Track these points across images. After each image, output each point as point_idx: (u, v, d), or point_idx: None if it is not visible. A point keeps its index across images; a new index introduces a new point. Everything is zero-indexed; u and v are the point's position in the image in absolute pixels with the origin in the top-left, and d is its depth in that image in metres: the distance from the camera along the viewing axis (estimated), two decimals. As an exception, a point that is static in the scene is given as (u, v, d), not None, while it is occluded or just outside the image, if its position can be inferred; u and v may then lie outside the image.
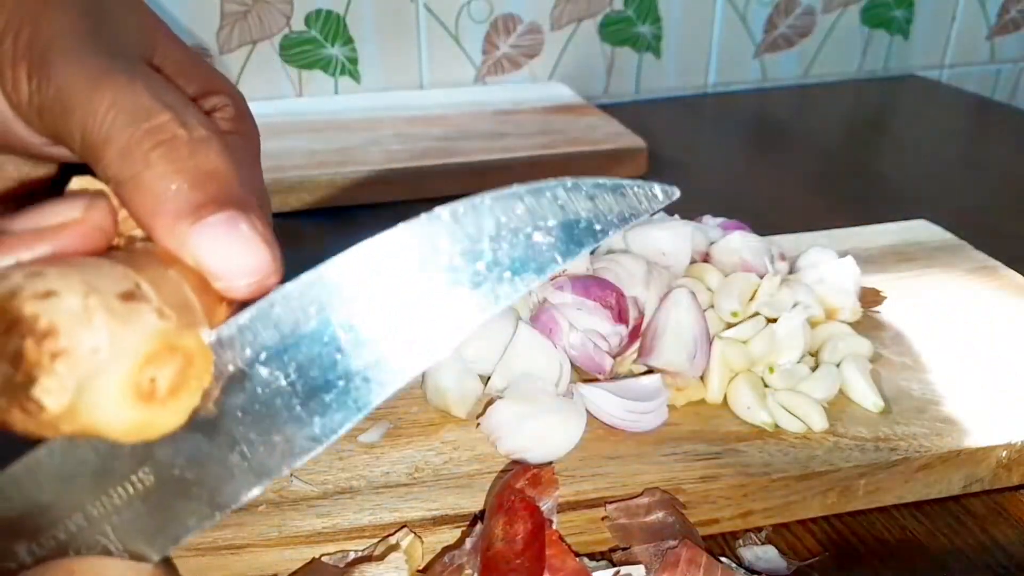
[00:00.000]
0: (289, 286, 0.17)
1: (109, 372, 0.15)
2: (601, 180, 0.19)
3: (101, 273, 0.15)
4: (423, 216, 0.17)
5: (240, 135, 0.22)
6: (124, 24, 0.20)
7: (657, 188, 0.20)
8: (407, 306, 0.17)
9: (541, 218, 0.18)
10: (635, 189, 0.19)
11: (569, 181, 0.18)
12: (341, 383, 0.17)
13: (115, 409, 0.15)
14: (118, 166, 0.17)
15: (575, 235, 0.18)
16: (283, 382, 0.17)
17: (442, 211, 0.18)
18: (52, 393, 0.14)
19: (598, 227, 0.19)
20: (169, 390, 0.16)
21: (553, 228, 0.18)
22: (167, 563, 0.19)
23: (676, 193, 0.20)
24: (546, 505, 0.27)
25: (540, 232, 0.18)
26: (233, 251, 0.17)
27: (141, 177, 0.17)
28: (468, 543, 0.27)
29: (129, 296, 0.15)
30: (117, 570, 0.17)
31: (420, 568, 0.28)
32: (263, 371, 0.17)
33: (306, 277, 0.17)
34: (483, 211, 0.18)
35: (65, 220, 0.17)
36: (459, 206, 0.18)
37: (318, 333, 0.17)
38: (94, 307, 0.14)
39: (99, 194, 0.17)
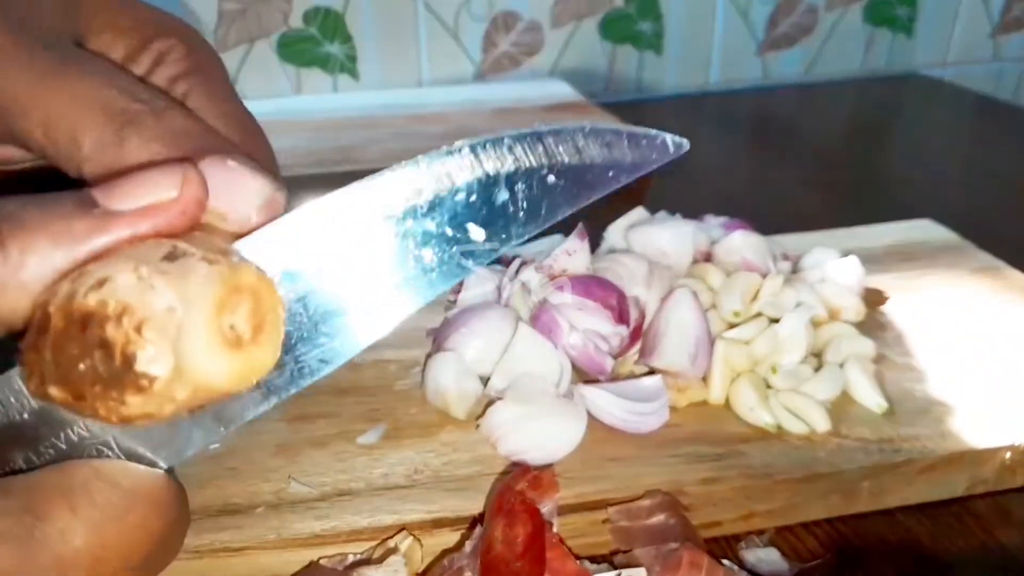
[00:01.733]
0: (305, 208, 0.18)
1: (193, 325, 0.15)
2: (619, 127, 0.19)
3: (136, 250, 0.15)
4: (443, 149, 0.18)
5: (198, 71, 0.22)
6: (43, 6, 0.20)
7: (668, 139, 0.20)
8: (421, 237, 0.18)
9: (558, 159, 0.18)
10: (648, 139, 0.20)
11: (588, 126, 0.19)
12: (354, 306, 0.18)
13: (213, 361, 0.15)
14: (98, 156, 0.17)
15: (588, 180, 0.19)
16: (296, 302, 0.17)
17: (463, 145, 0.18)
18: (155, 360, 0.14)
19: (611, 174, 0.19)
20: (253, 330, 0.16)
21: (568, 171, 0.18)
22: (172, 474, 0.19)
23: (685, 145, 0.20)
24: (546, 508, 0.27)
25: (554, 174, 0.18)
26: (230, 187, 0.17)
27: (121, 159, 0.17)
28: (468, 546, 0.27)
29: (172, 256, 0.15)
30: (139, 473, 0.17)
31: (419, 571, 0.27)
32: (280, 291, 0.17)
33: (319, 202, 0.18)
34: (503, 147, 0.18)
35: (162, 200, 0.16)
36: (479, 141, 0.18)
37: (332, 257, 0.17)
38: (147, 274, 0.15)
39: (187, 163, 0.17)
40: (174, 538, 0.19)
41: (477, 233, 0.18)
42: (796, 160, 0.67)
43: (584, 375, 0.34)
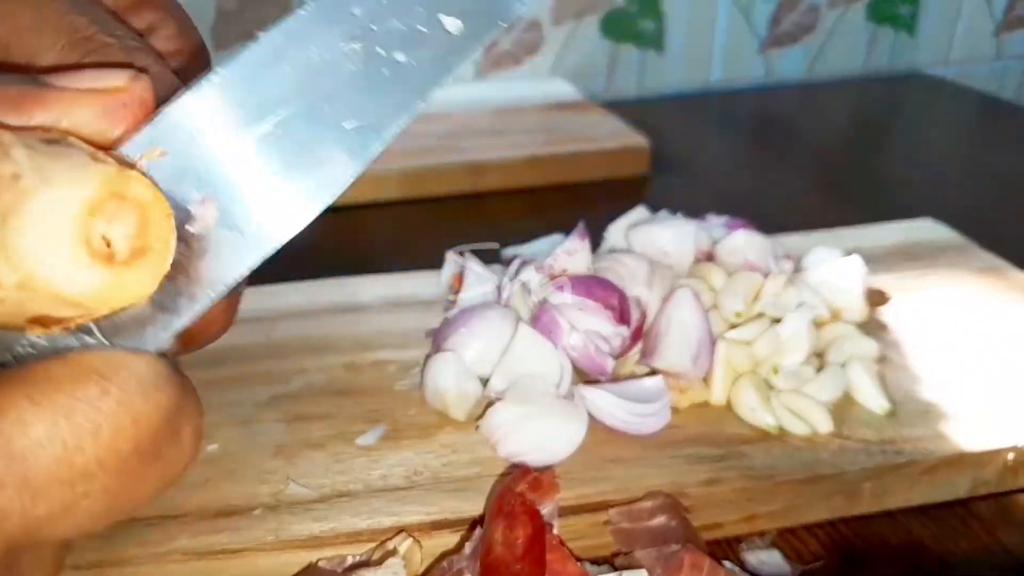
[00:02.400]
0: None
1: (44, 210, 0.13)
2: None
3: (31, 133, 0.14)
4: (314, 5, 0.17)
5: (184, 54, 0.21)
6: None
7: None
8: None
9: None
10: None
11: None
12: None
13: (71, 267, 0.14)
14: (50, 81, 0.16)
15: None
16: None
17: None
18: None
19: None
20: (131, 252, 0.14)
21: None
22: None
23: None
24: (547, 509, 0.27)
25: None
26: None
27: (75, 84, 0.15)
28: (467, 548, 0.27)
29: (54, 141, 0.14)
30: (110, 354, 0.15)
31: (419, 573, 0.27)
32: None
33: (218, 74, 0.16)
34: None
35: (108, 86, 0.15)
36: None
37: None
38: (10, 142, 0.13)
39: (141, 71, 0.16)
40: (179, 429, 0.16)
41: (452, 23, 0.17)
42: (798, 159, 0.66)
43: (585, 376, 0.34)
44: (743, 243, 0.38)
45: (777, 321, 0.35)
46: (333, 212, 0.18)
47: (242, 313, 0.20)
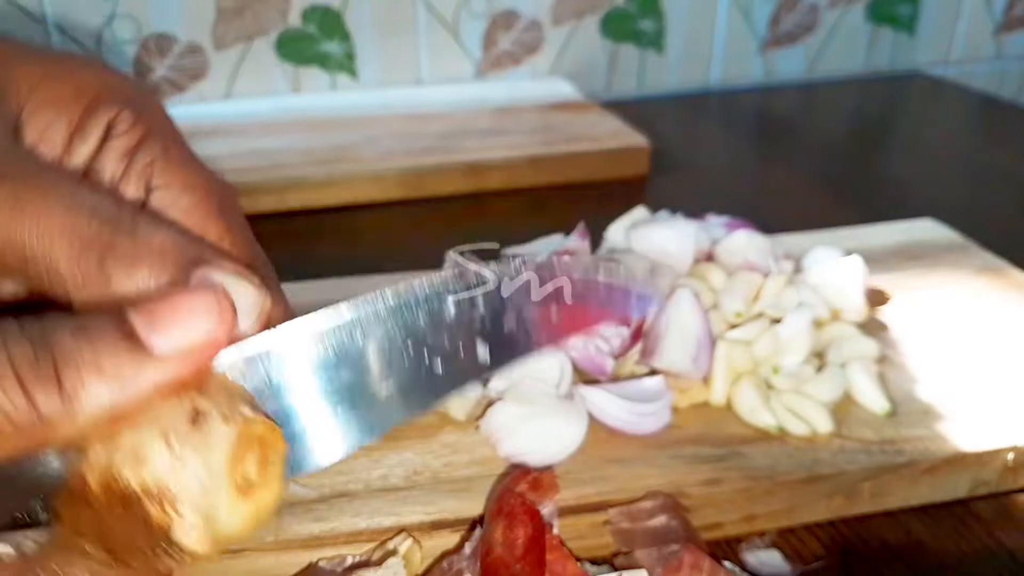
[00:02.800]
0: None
1: (216, 489, 0.16)
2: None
3: (161, 412, 0.16)
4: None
5: (152, 139, 0.21)
6: None
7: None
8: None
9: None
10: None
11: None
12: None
13: (232, 515, 0.17)
14: (86, 290, 0.17)
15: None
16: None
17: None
18: (188, 532, 0.16)
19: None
20: (259, 474, 0.17)
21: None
22: None
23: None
24: (547, 509, 0.27)
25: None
26: (241, 291, 0.18)
27: (109, 290, 0.17)
28: (467, 548, 0.27)
29: (194, 420, 0.16)
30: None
31: (419, 573, 0.27)
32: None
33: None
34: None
35: (201, 336, 0.17)
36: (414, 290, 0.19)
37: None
38: (179, 449, 0.16)
39: (215, 293, 0.17)
40: None
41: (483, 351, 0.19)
42: (798, 159, 0.66)
43: (585, 376, 0.34)
44: (743, 243, 0.38)
45: (777, 321, 0.35)
46: (333, 212, 0.18)
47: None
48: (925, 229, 0.48)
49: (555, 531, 0.27)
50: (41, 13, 0.66)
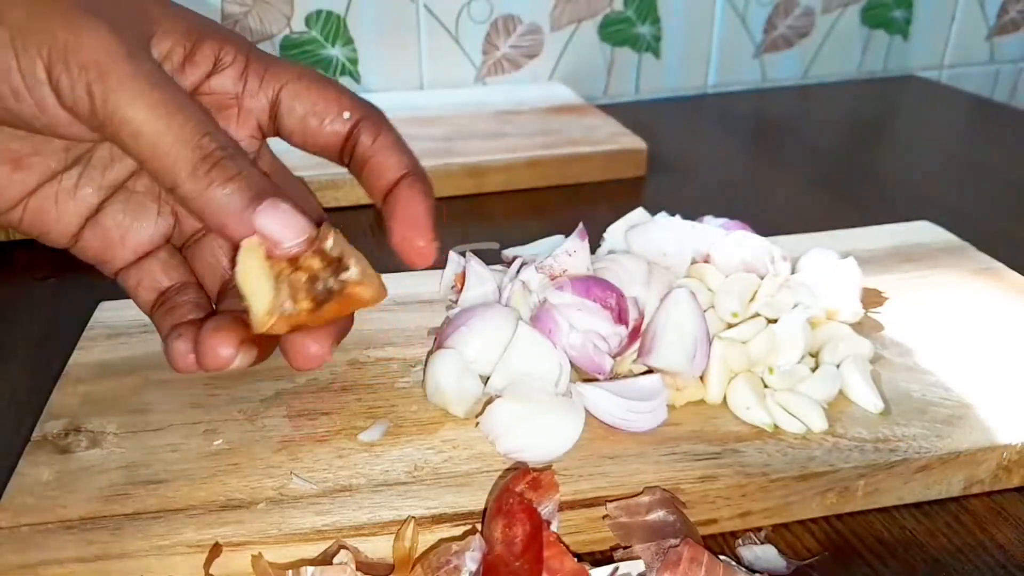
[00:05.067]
0: None
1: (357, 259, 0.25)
2: None
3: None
4: None
5: (252, 62, 0.27)
6: (129, 23, 0.24)
7: None
8: None
9: None
10: None
11: None
12: None
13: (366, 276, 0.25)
14: (190, 186, 0.23)
15: None
16: None
17: None
18: (352, 271, 0.25)
19: None
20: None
21: None
22: None
23: None
24: (547, 508, 0.27)
25: None
26: (283, 222, 0.24)
27: (210, 193, 0.23)
28: (471, 543, 0.27)
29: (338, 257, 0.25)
30: None
31: (413, 555, 0.27)
32: None
33: None
34: None
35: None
36: None
37: None
38: (341, 241, 0.25)
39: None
40: None
41: None
42: (794, 162, 0.67)
43: (583, 374, 0.34)
44: (740, 244, 0.39)
45: (773, 321, 0.35)
46: (334, 213, 0.18)
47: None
48: (921, 231, 0.48)
49: (555, 530, 0.27)
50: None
